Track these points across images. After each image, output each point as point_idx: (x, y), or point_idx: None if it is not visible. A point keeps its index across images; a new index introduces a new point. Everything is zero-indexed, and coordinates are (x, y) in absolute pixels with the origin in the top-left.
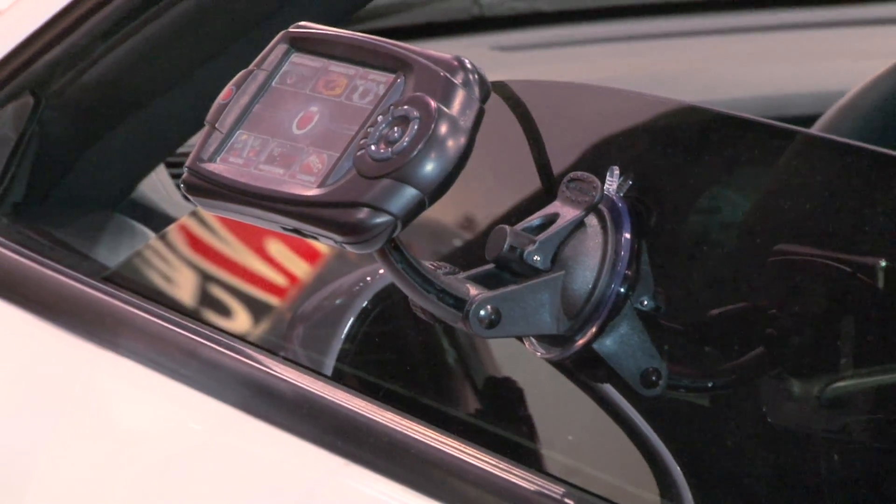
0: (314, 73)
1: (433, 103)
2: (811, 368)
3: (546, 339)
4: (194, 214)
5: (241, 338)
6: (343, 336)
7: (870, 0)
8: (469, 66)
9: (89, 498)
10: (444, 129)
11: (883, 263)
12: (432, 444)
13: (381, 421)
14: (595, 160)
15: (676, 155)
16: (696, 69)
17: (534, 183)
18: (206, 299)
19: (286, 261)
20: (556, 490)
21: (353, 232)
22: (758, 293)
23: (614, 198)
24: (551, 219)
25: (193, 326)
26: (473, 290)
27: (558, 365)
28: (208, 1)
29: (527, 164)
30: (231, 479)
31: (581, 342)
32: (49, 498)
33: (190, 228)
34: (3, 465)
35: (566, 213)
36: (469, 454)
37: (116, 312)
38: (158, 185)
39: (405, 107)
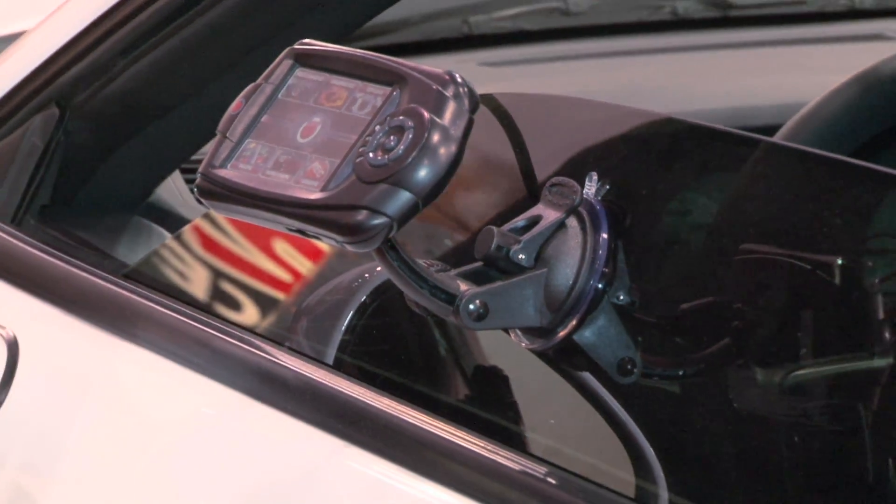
0: (317, 86)
1: (426, 114)
2: (773, 358)
3: (530, 331)
4: (207, 217)
5: (249, 329)
6: (343, 328)
7: (825, 20)
8: (459, 79)
9: (110, 474)
10: (436, 137)
11: (839, 261)
12: (425, 427)
13: (377, 406)
14: (575, 166)
15: (650, 162)
16: (669, 83)
17: (518, 187)
18: (218, 294)
19: (291, 259)
20: (539, 470)
21: (353, 233)
22: (724, 289)
23: (593, 201)
24: (535, 220)
25: (205, 319)
26: (463, 286)
27: (541, 355)
28: (220, 20)
29: (512, 170)
30: (239, 459)
31: (562, 334)
32: (75, 474)
33: (203, 229)
34: (34, 444)
35: (548, 215)
36: (459, 437)
37: (135, 307)
38: (174, 190)
39: (400, 117)
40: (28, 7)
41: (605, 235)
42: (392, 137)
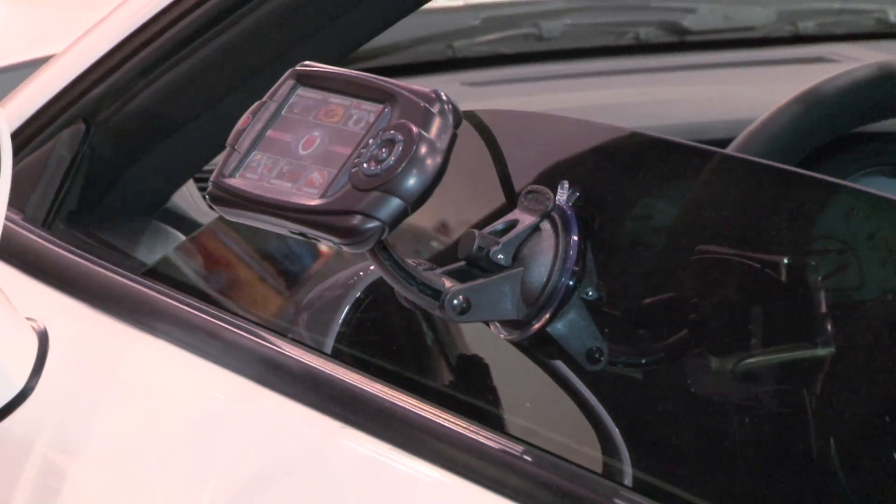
0: (316, 103)
1: (414, 129)
2: (726, 347)
3: (508, 324)
4: (218, 221)
5: (256, 322)
6: (340, 321)
7: (772, 45)
8: (444, 97)
9: (130, 451)
10: (423, 150)
11: (786, 261)
12: (414, 410)
13: (371, 391)
14: (548, 176)
15: (616, 171)
16: (633, 101)
17: (497, 194)
18: (227, 290)
19: (294, 259)
20: (516, 448)
21: (349, 235)
22: (682, 285)
23: (564, 207)
24: (512, 224)
25: (216, 313)
26: (448, 283)
27: (518, 345)
28: (229, 45)
29: (491, 179)
30: (247, 439)
31: (537, 326)
32: (100, 451)
33: (214, 232)
34: (63, 423)
35: (524, 219)
36: (444, 418)
37: (153, 302)
38: (188, 197)
39: (391, 132)
40: (56, 33)
41: (575, 238)
42: (384, 150)
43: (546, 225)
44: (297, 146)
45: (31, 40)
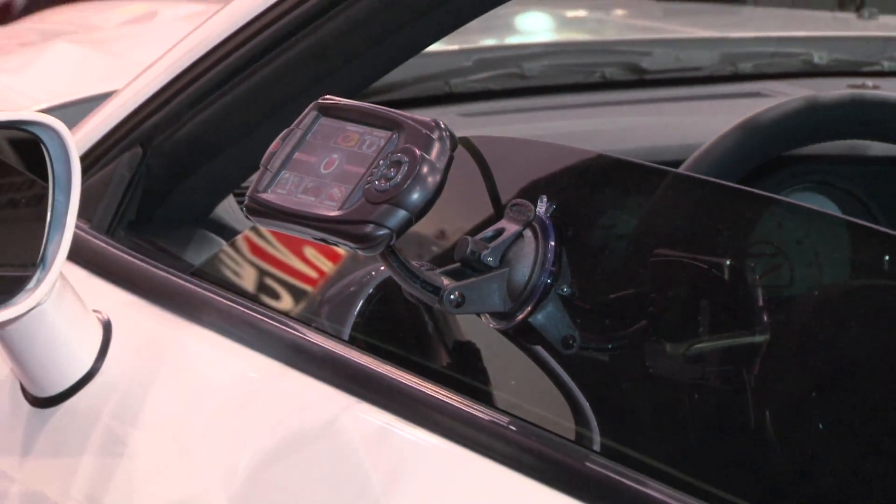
0: (335, 131)
1: (418, 152)
2: (678, 334)
3: (496, 315)
4: (253, 229)
5: (285, 313)
6: (355, 312)
7: (716, 82)
8: (442, 126)
9: (180, 424)
10: (425, 169)
11: (728, 262)
12: (417, 387)
13: (381, 371)
14: (529, 191)
15: (586, 187)
16: (600, 129)
17: (487, 207)
18: (261, 287)
19: (317, 260)
20: (503, 419)
21: (363, 241)
22: (642, 283)
23: (543, 217)
24: (499, 232)
25: (252, 305)
26: (446, 281)
27: (504, 333)
28: (263, 81)
29: (482, 194)
30: (277, 411)
31: (520, 317)
32: (154, 424)
33: (250, 238)
34: (123, 401)
35: (510, 227)
36: (442, 394)
37: (199, 297)
38: (228, 209)
39: (398, 154)
40: (117, 73)
41: (552, 243)
42: (392, 169)
43: (528, 233)
44: (319, 166)
45: (98, 78)
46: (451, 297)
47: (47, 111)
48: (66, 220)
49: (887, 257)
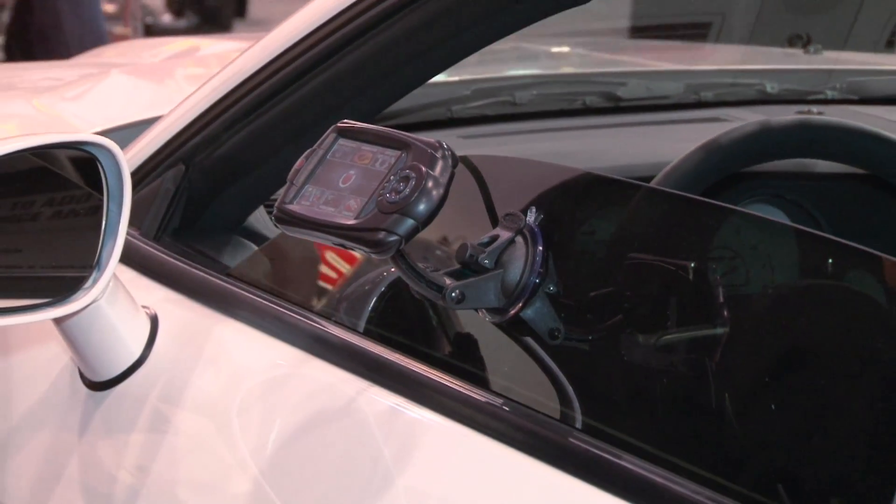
0: (352, 150)
1: (424, 168)
2: (650, 327)
3: (491, 310)
4: (281, 235)
5: (308, 308)
6: (370, 308)
7: (681, 108)
8: (445, 146)
9: (217, 403)
10: (430, 184)
11: (692, 264)
12: (422, 373)
13: (392, 359)
14: (520, 202)
15: (570, 199)
16: (581, 149)
17: (484, 216)
18: (288, 285)
19: (336, 263)
20: (497, 401)
21: (376, 246)
22: (618, 283)
23: (533, 225)
24: (494, 238)
25: (280, 302)
26: (448, 281)
27: (499, 326)
28: (289, 108)
29: (480, 205)
30: (301, 394)
31: (513, 312)
32: (195, 403)
33: (278, 244)
34: (168, 384)
35: (503, 234)
36: (444, 379)
37: (234, 294)
38: (259, 218)
39: (407, 171)
40: (163, 100)
41: (540, 248)
42: (401, 184)
43: (519, 239)
44: (338, 181)
45: (146, 105)
46: (453, 294)
47: (103, 133)
48: (118, 228)
49: (830, 260)
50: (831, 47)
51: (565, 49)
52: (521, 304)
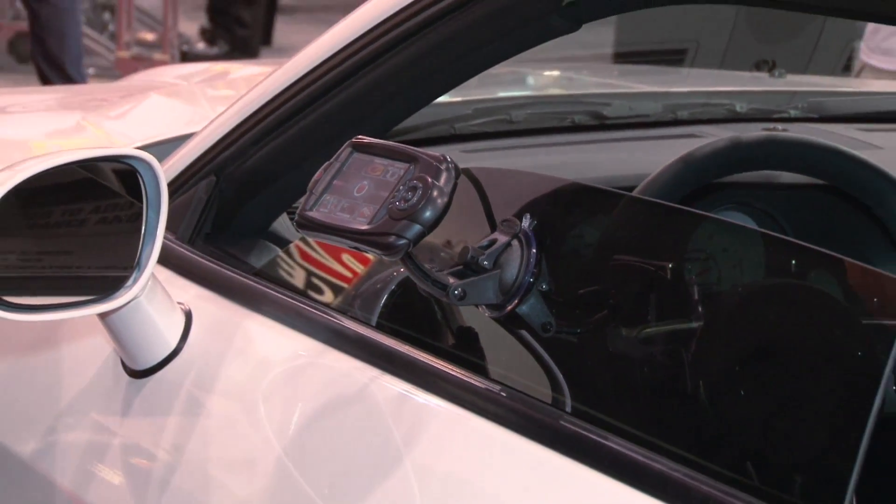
0: (366, 163)
1: (429, 179)
2: (632, 321)
3: (490, 306)
4: (302, 239)
5: (326, 305)
6: (382, 304)
7: (660, 126)
8: (449, 159)
9: (245, 389)
10: (435, 193)
11: (670, 265)
12: (429, 362)
13: (401, 350)
14: (517, 210)
15: (561, 207)
16: (571, 161)
17: (483, 222)
18: (309, 283)
19: (352, 263)
20: (495, 387)
21: (387, 249)
22: (604, 281)
23: (527, 230)
24: (493, 241)
25: (301, 298)
26: (451, 280)
27: (497, 320)
28: (309, 125)
29: (480, 212)
30: (320, 382)
31: (509, 308)
32: (226, 389)
33: (300, 247)
34: (202, 373)
35: (501, 238)
36: (448, 368)
37: (260, 292)
38: (283, 223)
39: (414, 181)
40: (197, 118)
41: (534, 250)
42: (410, 193)
43: (515, 242)
44: (353, 190)
45: (182, 123)
46: (456, 292)
47: (142, 148)
48: (156, 233)
49: (793, 261)
50: (794, 71)
51: (556, 73)
52: (516, 301)
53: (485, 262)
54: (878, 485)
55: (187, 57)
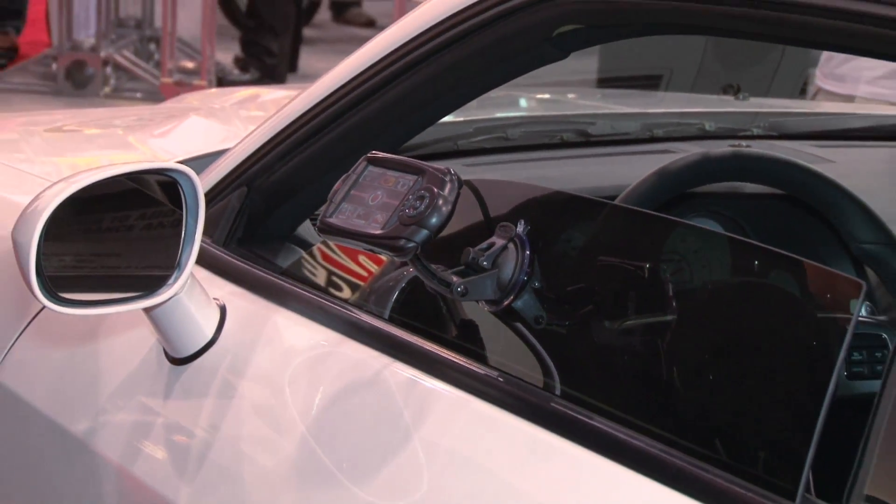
0: (379, 175)
1: (435, 189)
2: (614, 314)
3: (489, 302)
4: (323, 242)
5: (345, 300)
6: (393, 299)
7: (638, 143)
8: (452, 172)
9: (273, 378)
10: (440, 202)
11: (647, 265)
12: (434, 351)
13: (411, 340)
14: (511, 216)
15: (550, 214)
16: (560, 174)
17: (483, 227)
18: (329, 281)
19: (367, 263)
20: (493, 373)
21: (398, 251)
22: (589, 280)
23: (522, 234)
24: (491, 244)
25: (322, 294)
26: (454, 278)
27: (495, 314)
28: (328, 143)
29: (479, 219)
30: (338, 368)
31: (506, 303)
32: (257, 373)
33: (321, 249)
34: (235, 361)
35: (498, 241)
36: (451, 355)
37: (286, 289)
38: (306, 228)
39: (422, 191)
40: (231, 136)
41: (528, 252)
42: (418, 202)
43: (511, 245)
44: (367, 200)
45: (217, 140)
46: (459, 289)
47: (183, 162)
48: (195, 237)
49: (756, 262)
50: (756, 94)
51: (547, 96)
52: (512, 297)
53: (484, 263)
54: (832, 459)
55: (223, 83)
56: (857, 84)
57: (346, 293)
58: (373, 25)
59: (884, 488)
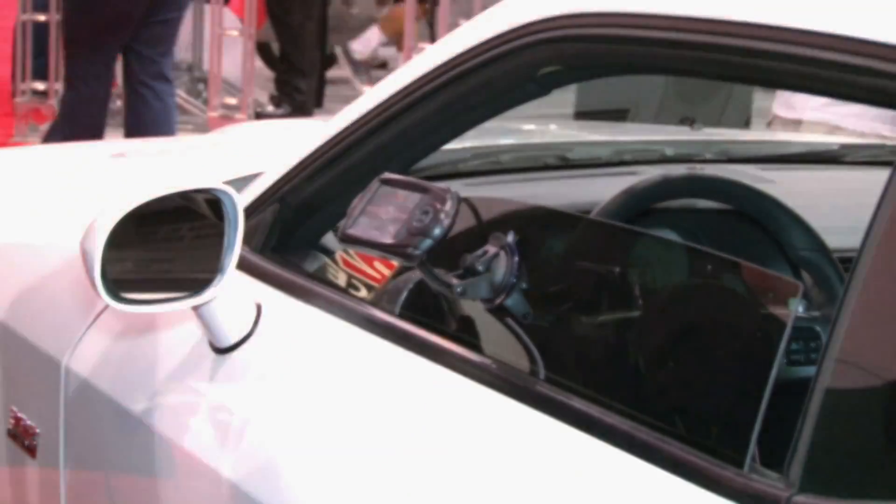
0: (391, 193)
1: (438, 205)
2: (591, 311)
3: (484, 301)
4: (344, 250)
5: (360, 299)
6: (402, 299)
7: (611, 166)
8: (452, 191)
9: (300, 368)
10: (442, 216)
11: (618, 269)
12: (438, 342)
13: (419, 333)
14: (503, 227)
15: (536, 225)
16: (542, 193)
17: (478, 237)
18: (348, 283)
19: (381, 268)
20: (487, 361)
21: (406, 257)
22: (569, 282)
23: (511, 243)
24: (486, 252)
25: (341, 294)
26: (455, 281)
27: (489, 311)
28: (348, 166)
29: (475, 230)
30: (357, 359)
31: (498, 301)
32: (283, 365)
33: (342, 255)
34: (268, 353)
35: (491, 249)
36: (453, 346)
37: (313, 289)
38: (330, 238)
39: (427, 207)
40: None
41: (516, 258)
42: (423, 215)
43: (502, 252)
44: (381, 214)
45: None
46: (458, 290)
47: (227, 183)
48: (235, 245)
49: (709, 266)
50: (709, 125)
51: (532, 126)
52: (503, 296)
53: (479, 267)
54: (775, 433)
55: (260, 116)
56: (804, 110)
57: (363, 293)
58: (385, 67)
59: (820, 459)
